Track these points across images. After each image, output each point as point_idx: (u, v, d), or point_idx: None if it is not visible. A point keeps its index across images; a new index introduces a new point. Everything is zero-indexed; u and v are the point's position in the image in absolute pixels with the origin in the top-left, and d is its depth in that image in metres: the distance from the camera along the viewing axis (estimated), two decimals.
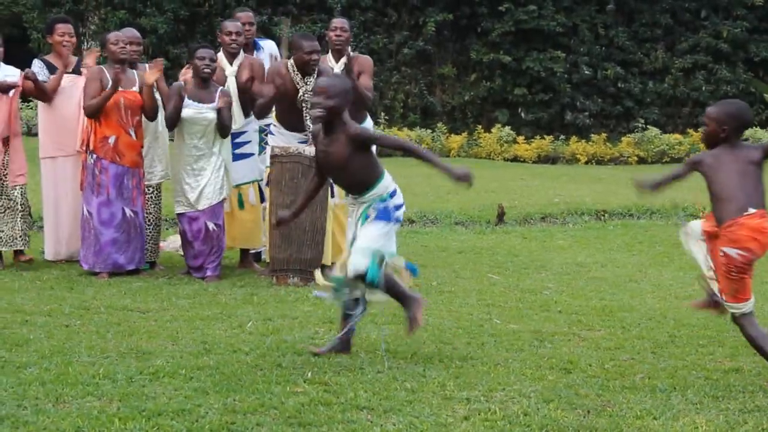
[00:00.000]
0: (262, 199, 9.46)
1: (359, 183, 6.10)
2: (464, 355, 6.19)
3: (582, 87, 24.97)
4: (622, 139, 23.63)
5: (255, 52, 9.74)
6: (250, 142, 9.41)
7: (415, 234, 11.99)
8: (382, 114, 23.94)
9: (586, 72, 24.84)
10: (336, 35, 9.40)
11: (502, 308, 7.75)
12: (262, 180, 9.42)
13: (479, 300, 8.06)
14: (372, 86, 9.54)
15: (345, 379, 5.58)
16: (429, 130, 24.18)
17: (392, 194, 6.20)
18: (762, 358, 5.71)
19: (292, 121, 9.05)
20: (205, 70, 8.77)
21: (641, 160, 22.90)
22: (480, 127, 24.28)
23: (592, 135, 23.72)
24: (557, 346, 6.50)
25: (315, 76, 8.80)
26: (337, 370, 5.79)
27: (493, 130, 23.91)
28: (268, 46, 10.10)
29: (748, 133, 24.02)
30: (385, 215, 6.11)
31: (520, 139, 23.35)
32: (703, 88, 25.35)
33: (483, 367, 5.92)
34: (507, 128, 23.89)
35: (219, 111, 8.78)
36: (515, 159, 23.00)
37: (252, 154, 9.44)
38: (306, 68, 8.85)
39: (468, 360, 6.09)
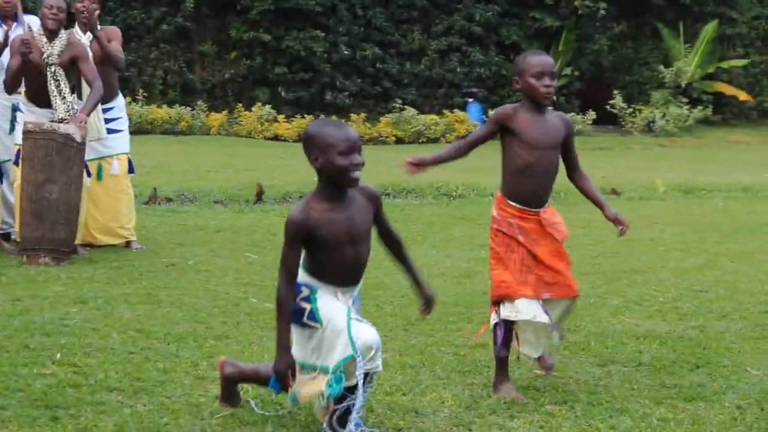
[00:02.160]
0: (1, 178, 9.16)
1: (366, 264, 4.50)
2: (219, 334, 6.16)
3: (342, 67, 25.22)
4: (381, 119, 24.03)
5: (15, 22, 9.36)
6: None
7: (173, 213, 11.83)
8: (141, 91, 23.51)
9: (346, 52, 25.10)
10: (83, 6, 9.13)
11: (258, 287, 7.75)
12: (9, 160, 9.09)
13: (236, 279, 8.03)
14: (122, 51, 9.32)
15: (95, 360, 5.46)
16: (189, 108, 23.94)
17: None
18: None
19: (40, 95, 8.74)
20: None
21: (399, 140, 23.36)
22: (240, 105, 24.21)
23: (352, 115, 24.01)
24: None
25: (60, 37, 8.60)
26: (87, 351, 5.65)
27: (253, 108, 23.87)
28: (30, 20, 9.68)
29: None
30: None
31: (281, 117, 23.41)
32: (458, 69, 26.04)
33: (237, 346, 5.90)
34: (267, 107, 23.90)
35: None
36: (276, 138, 23.05)
37: None
38: (46, 23, 8.59)
39: (222, 339, 6.07)
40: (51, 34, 8.69)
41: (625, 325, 6.68)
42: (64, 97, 8.66)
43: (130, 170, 9.49)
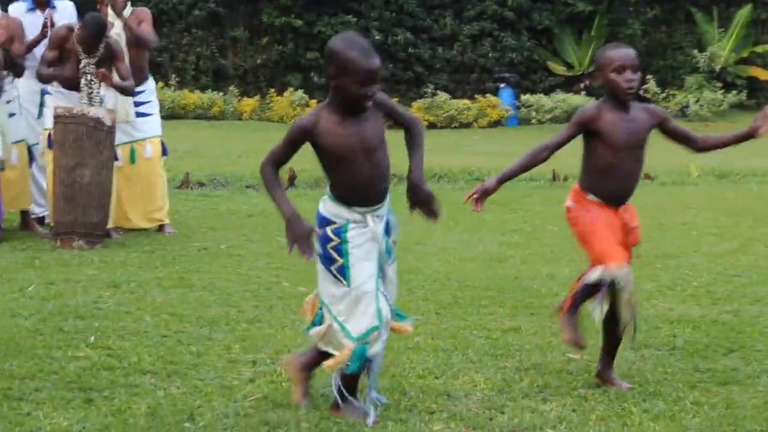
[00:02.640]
0: (31, 161, 9.23)
1: (388, 172, 4.38)
2: (251, 318, 6.18)
3: None
4: (413, 104, 24.01)
5: (48, 8, 9.41)
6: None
7: (205, 197, 11.88)
8: (173, 76, 23.59)
9: (377, 37, 25.07)
10: None
11: (291, 271, 7.76)
12: (37, 143, 9.17)
13: (268, 263, 8.05)
14: (153, 33, 9.36)
15: (128, 343, 5.49)
16: (221, 93, 24.00)
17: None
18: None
19: (70, 80, 8.79)
20: None
21: (431, 125, 23.32)
22: (273, 90, 24.23)
23: None
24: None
25: (102, 49, 8.66)
26: (121, 334, 5.69)
27: (285, 93, 23.90)
28: (64, 6, 9.71)
29: (532, 100, 24.77)
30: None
31: (313, 102, 23.43)
32: (490, 54, 25.96)
33: (270, 330, 5.92)
34: (300, 92, 23.92)
35: None
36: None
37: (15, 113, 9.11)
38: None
39: (255, 323, 6.09)
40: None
41: (658, 309, 6.65)
42: (91, 89, 8.70)
43: (164, 153, 9.52)
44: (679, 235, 9.69)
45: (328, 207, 4.35)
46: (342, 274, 4.29)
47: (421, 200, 4.35)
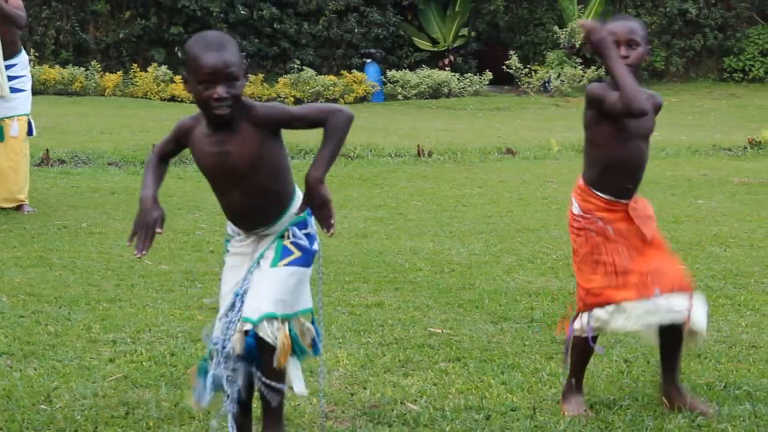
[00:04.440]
0: None
1: (272, 200, 3.77)
2: (112, 297, 6.11)
3: (239, 27, 24.98)
4: (279, 80, 23.89)
5: None
6: None
7: (66, 175, 11.64)
8: (32, 50, 22.98)
9: (243, 12, 24.86)
10: None
11: (153, 249, 7.57)
12: None
13: None
14: (23, 8, 9.11)
15: None
16: (83, 68, 23.51)
17: (309, 213, 3.83)
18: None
19: None
20: None
21: (297, 101, 23.24)
22: (136, 65, 23.83)
23: (250, 75, 23.76)
24: (207, 286, 6.53)
25: None
26: None
27: (149, 69, 23.52)
28: None
29: (398, 75, 24.85)
30: (305, 256, 3.82)
31: (178, 78, 23.10)
32: (356, 30, 25.98)
33: (131, 309, 5.86)
34: (164, 67, 23.57)
35: None
36: (173, 99, 22.77)
37: None
38: None
39: (116, 302, 6.02)
40: None
41: (518, 282, 6.78)
42: None
43: (29, 132, 9.30)
44: (540, 209, 9.88)
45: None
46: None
47: (312, 204, 3.69)
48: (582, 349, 4.45)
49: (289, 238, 3.80)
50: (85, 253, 7.39)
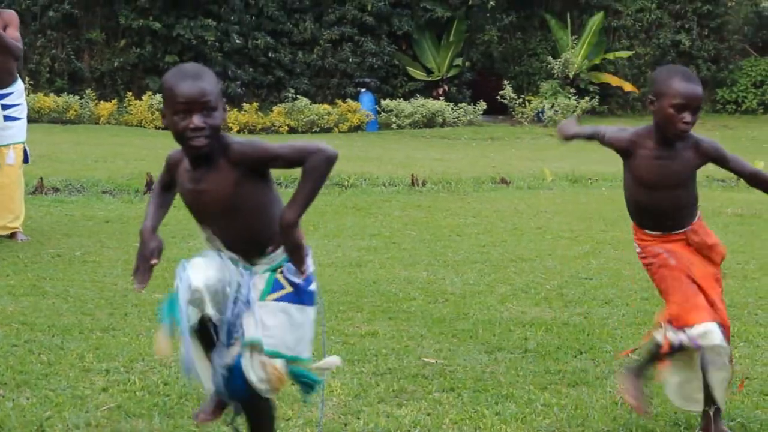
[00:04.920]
0: None
1: (256, 238, 3.62)
2: (105, 326, 6.09)
3: (233, 56, 25.06)
4: (274, 108, 23.94)
5: None
6: None
7: (60, 203, 11.63)
8: (27, 78, 23.03)
9: (237, 41, 24.94)
10: None
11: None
12: None
13: (125, 270, 7.93)
14: (20, 38, 9.13)
15: None
16: (77, 97, 23.55)
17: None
18: None
19: None
20: None
21: (292, 130, 23.30)
22: (130, 94, 23.87)
23: (244, 104, 23.87)
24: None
25: None
26: None
27: (144, 97, 23.57)
28: None
29: (392, 104, 24.89)
30: (297, 294, 3.68)
31: None
32: (350, 59, 26.06)
33: (125, 338, 5.84)
34: (158, 96, 23.60)
35: None
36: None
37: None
38: None
39: (109, 331, 6.00)
40: None
41: (512, 312, 6.78)
42: None
43: (25, 160, 9.31)
44: (534, 239, 9.89)
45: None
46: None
47: (285, 247, 3.56)
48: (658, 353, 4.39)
49: (282, 272, 3.64)
50: (78, 281, 7.38)
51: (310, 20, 26.00)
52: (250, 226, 3.60)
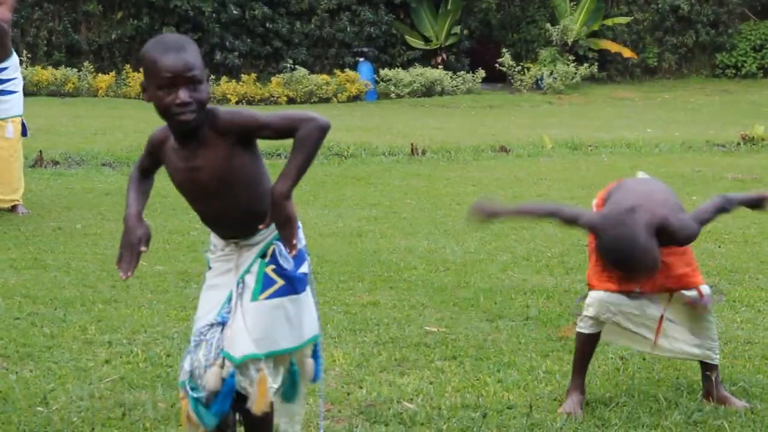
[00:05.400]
0: None
1: (250, 214, 3.47)
2: (108, 298, 6.10)
3: (231, 27, 24.95)
4: (272, 79, 23.86)
5: None
6: None
7: (59, 176, 11.63)
8: (25, 52, 22.95)
9: (235, 12, 24.81)
10: None
11: (149, 250, 7.66)
12: None
13: None
14: (9, 19, 9.08)
15: None
16: (75, 69, 23.48)
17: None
18: None
19: None
20: None
21: (291, 100, 23.23)
22: (128, 66, 23.80)
23: (242, 75, 23.79)
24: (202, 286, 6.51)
25: None
26: None
27: (141, 69, 23.49)
28: None
29: (391, 74, 24.82)
30: (290, 285, 3.51)
31: None
32: (348, 29, 25.95)
33: (127, 310, 5.86)
34: None
35: None
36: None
37: None
38: None
39: (111, 303, 6.01)
40: None
41: (513, 280, 6.79)
42: None
43: (23, 133, 9.30)
44: None
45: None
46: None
47: (276, 221, 3.39)
48: (580, 344, 4.47)
49: (272, 262, 3.49)
50: (79, 254, 7.38)
51: None
52: (245, 201, 3.46)
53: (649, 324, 4.46)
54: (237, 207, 3.48)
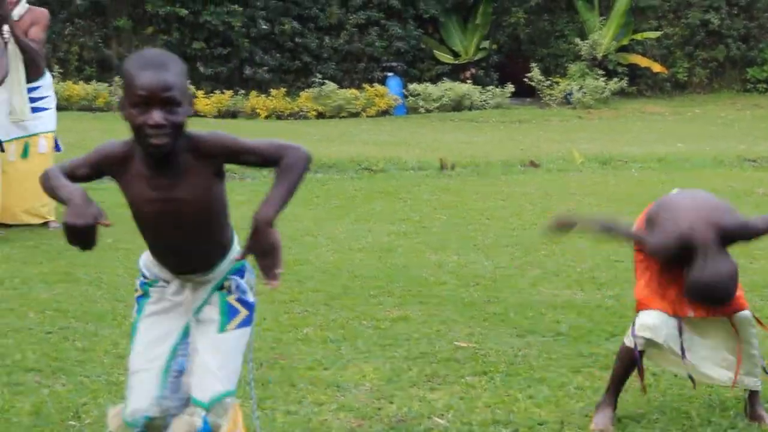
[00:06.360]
0: None
1: (216, 244, 3.35)
2: None
3: (260, 41, 25.06)
4: (301, 94, 23.94)
5: None
6: None
7: (91, 190, 11.62)
8: (56, 67, 23.14)
9: (264, 26, 24.92)
10: None
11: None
12: None
13: None
14: (43, 39, 9.18)
15: (11, 341, 5.41)
16: (106, 84, 23.64)
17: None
18: None
19: None
20: None
21: (320, 115, 23.30)
22: None
23: (272, 90, 23.89)
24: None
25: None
26: (4, 331, 5.60)
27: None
28: None
29: (420, 88, 24.82)
30: (251, 315, 3.41)
31: (200, 93, 23.20)
32: (377, 43, 26.00)
33: None
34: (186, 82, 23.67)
35: None
36: (195, 114, 22.73)
37: None
38: None
39: None
40: None
41: (543, 295, 6.77)
42: None
43: (57, 148, 9.38)
44: None
45: (145, 255, 3.46)
46: (132, 332, 3.47)
47: (258, 250, 3.17)
48: (624, 361, 4.41)
49: (232, 292, 3.35)
50: (111, 268, 7.42)
51: (336, 4, 25.95)
52: (215, 231, 3.29)
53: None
54: (204, 239, 3.29)
